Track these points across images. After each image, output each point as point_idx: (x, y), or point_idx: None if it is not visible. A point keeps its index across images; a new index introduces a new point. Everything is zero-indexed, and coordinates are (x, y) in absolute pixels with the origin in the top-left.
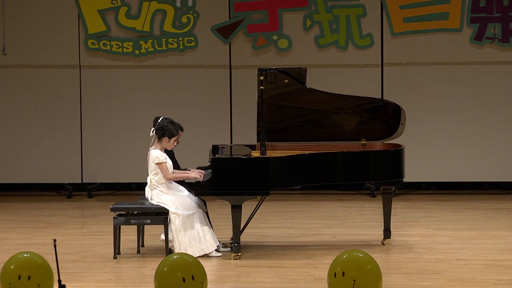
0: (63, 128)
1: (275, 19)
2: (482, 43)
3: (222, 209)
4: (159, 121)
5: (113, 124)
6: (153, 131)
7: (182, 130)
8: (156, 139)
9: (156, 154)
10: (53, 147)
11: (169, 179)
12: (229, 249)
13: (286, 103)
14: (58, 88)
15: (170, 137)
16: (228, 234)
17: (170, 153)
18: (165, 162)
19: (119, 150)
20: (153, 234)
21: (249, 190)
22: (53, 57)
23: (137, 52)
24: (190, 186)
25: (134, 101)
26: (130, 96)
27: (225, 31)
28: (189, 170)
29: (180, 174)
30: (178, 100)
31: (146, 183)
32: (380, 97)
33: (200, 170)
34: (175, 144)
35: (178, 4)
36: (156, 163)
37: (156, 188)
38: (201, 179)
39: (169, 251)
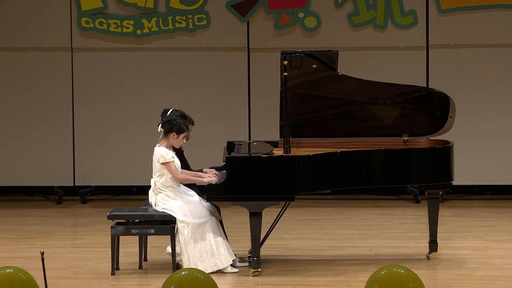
0: (52, 122)
1: None
2: None
3: (238, 217)
4: (168, 114)
5: (111, 117)
6: (160, 126)
7: (192, 124)
8: (163, 135)
9: (161, 152)
10: (40, 144)
11: (180, 180)
12: (247, 264)
13: (314, 92)
14: (45, 75)
15: (178, 133)
16: (245, 247)
17: (178, 152)
18: (173, 161)
19: (118, 148)
20: (158, 246)
21: (271, 195)
22: (40, 39)
23: (138, 32)
24: (202, 189)
25: (135, 90)
26: (130, 84)
27: (242, 8)
28: (202, 171)
29: (192, 177)
30: (187, 89)
31: (149, 186)
32: (425, 85)
33: (213, 171)
34: (184, 141)
35: None
36: (162, 163)
37: (161, 192)
38: (215, 182)
39: (176, 266)
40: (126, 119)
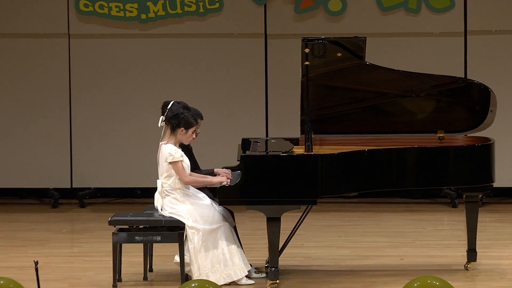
0: (46, 116)
1: None
2: None
3: (254, 222)
4: (169, 106)
5: (113, 111)
6: (162, 121)
7: (201, 118)
8: (169, 131)
9: (170, 150)
10: (33, 141)
11: (186, 183)
12: (264, 275)
13: (339, 83)
14: (39, 65)
15: (187, 127)
16: (263, 256)
17: (187, 149)
18: (182, 161)
19: (120, 145)
20: (165, 255)
21: (291, 198)
22: (33, 24)
23: (143, 16)
24: (213, 192)
25: (139, 81)
26: (134, 75)
27: None
28: (213, 172)
29: (201, 179)
30: (197, 80)
31: (155, 189)
32: (463, 76)
33: (226, 171)
34: (194, 136)
35: None
36: (170, 162)
37: (169, 195)
38: (228, 183)
39: (185, 277)
40: (130, 114)
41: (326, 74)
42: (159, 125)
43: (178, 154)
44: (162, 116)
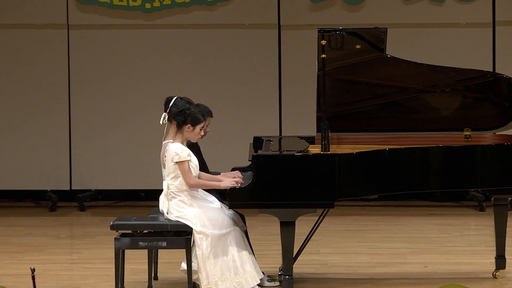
0: (44, 113)
1: None
2: None
3: (267, 227)
4: (172, 102)
5: (115, 108)
6: (164, 118)
7: (211, 115)
8: (174, 129)
9: (176, 149)
10: (30, 140)
11: (192, 186)
12: (277, 283)
13: (358, 78)
14: (36, 57)
15: (194, 124)
16: (276, 263)
17: (194, 148)
18: (189, 161)
19: (123, 145)
20: (171, 262)
21: (306, 201)
22: (30, 14)
23: (148, 6)
24: (223, 194)
25: (143, 76)
26: (138, 68)
27: None
28: (221, 175)
29: (207, 182)
30: (206, 74)
31: (160, 191)
32: (491, 70)
33: (237, 173)
34: (202, 134)
35: None
36: (176, 162)
37: (175, 198)
38: (238, 185)
39: (193, 286)
40: (133, 110)
41: (344, 67)
42: (161, 122)
43: (185, 153)
44: (164, 113)
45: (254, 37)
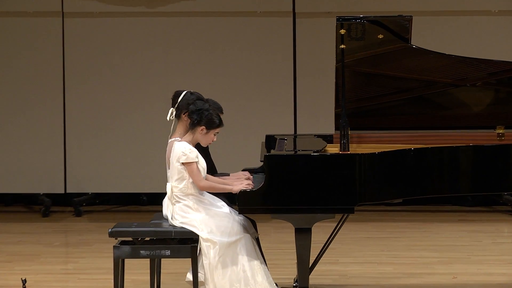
0: (36, 109)
1: None
2: None
3: (280, 234)
4: (181, 97)
5: (114, 103)
6: (172, 114)
7: (221, 112)
8: (181, 126)
9: (184, 149)
10: (20, 138)
11: (202, 188)
12: None
13: (380, 70)
14: (29, 48)
15: (209, 127)
16: (290, 273)
17: (202, 149)
18: (197, 162)
19: (122, 144)
20: (175, 272)
21: (323, 205)
22: (24, 0)
23: None
24: (232, 198)
25: (145, 68)
26: (139, 60)
27: None
28: (230, 177)
29: (219, 185)
30: (214, 66)
31: (164, 194)
32: None
33: (247, 174)
34: (214, 139)
35: None
36: (183, 163)
37: (180, 202)
38: (248, 188)
39: None
40: (134, 106)
41: (365, 59)
42: (168, 118)
43: (193, 154)
44: (172, 108)
45: (266, 26)
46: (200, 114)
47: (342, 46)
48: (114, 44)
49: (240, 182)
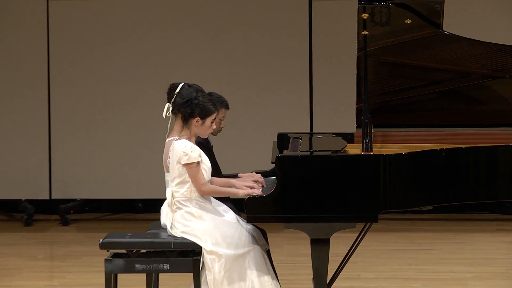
0: (17, 104)
1: None
2: None
3: (294, 245)
4: (177, 90)
5: (105, 97)
6: (168, 110)
7: (226, 107)
8: (179, 123)
9: (184, 148)
10: (0, 138)
11: (204, 193)
12: None
13: (408, 60)
14: (10, 33)
15: (203, 116)
16: None
17: (206, 148)
18: (199, 163)
19: (114, 143)
20: None
21: (343, 213)
22: None
23: None
24: (240, 205)
25: (140, 56)
26: (133, 47)
27: None
28: (237, 178)
29: (224, 189)
30: (218, 55)
31: (162, 200)
32: None
33: (256, 175)
34: (214, 127)
35: None
36: (184, 164)
37: (181, 209)
38: (259, 193)
39: None
40: (129, 100)
41: (390, 47)
42: (164, 115)
43: (195, 153)
44: (168, 104)
45: (279, 8)
46: (189, 104)
47: (365, 32)
48: (105, 29)
49: (248, 186)
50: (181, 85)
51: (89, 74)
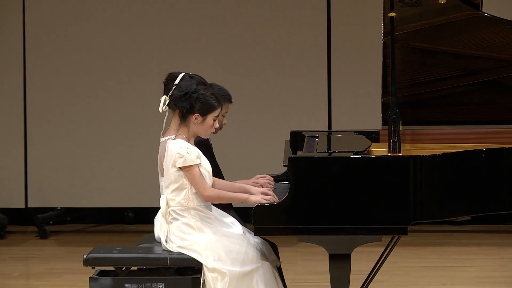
0: None
1: None
2: None
3: (310, 262)
4: (177, 81)
5: (89, 93)
6: (165, 104)
7: (229, 101)
8: (176, 120)
9: (180, 149)
10: None
11: (208, 198)
12: None
13: (442, 46)
14: None
15: (204, 112)
16: None
17: (204, 149)
18: (198, 165)
19: (100, 145)
20: None
21: (366, 224)
22: None
23: None
24: (246, 214)
25: (133, 49)
26: (125, 39)
27: None
28: (244, 183)
29: (230, 194)
30: (223, 44)
31: (156, 209)
32: None
33: (267, 178)
34: (216, 126)
35: None
36: (181, 168)
37: (177, 219)
38: (269, 201)
39: None
40: (117, 95)
41: (421, 31)
42: (160, 109)
43: (193, 154)
44: (164, 96)
45: None
46: (188, 98)
47: (392, 14)
48: (93, 18)
49: (258, 193)
50: (181, 75)
51: (71, 70)
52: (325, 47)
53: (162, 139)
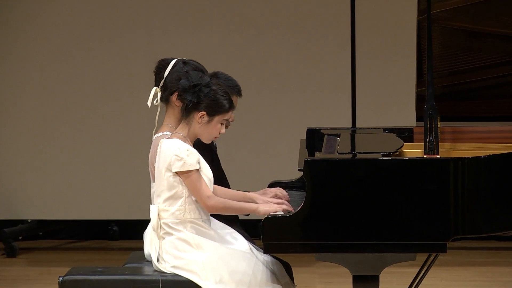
0: None
1: None
2: None
3: (330, 284)
4: (169, 68)
5: (66, 84)
6: (156, 96)
7: (238, 93)
8: (172, 115)
9: (177, 151)
10: None
11: (211, 209)
12: None
13: (487, 27)
14: None
15: (212, 111)
16: None
17: (206, 151)
18: (198, 170)
19: (79, 148)
20: None
21: (397, 240)
22: None
23: None
24: (253, 227)
25: (123, 47)
26: (112, 36)
27: None
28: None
29: (237, 204)
30: (230, 37)
31: (144, 222)
32: None
33: (279, 191)
34: (222, 131)
35: None
36: (177, 172)
37: (171, 234)
38: (281, 212)
39: None
40: (99, 88)
41: (464, 9)
42: (149, 103)
43: (193, 158)
44: (155, 87)
45: None
46: (196, 91)
47: None
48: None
49: (269, 202)
50: (173, 61)
51: (48, 61)
52: (349, 26)
53: (154, 137)
